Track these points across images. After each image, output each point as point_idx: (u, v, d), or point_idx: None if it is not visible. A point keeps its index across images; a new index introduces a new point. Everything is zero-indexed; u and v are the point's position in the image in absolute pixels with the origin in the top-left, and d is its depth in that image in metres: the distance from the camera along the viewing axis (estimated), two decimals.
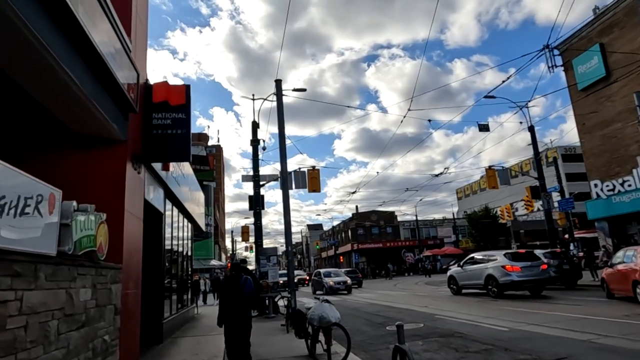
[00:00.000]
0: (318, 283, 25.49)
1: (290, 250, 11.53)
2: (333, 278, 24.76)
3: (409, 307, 13.96)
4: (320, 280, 25.21)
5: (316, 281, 26.11)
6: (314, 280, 26.89)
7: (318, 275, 26.40)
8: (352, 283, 31.36)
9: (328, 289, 23.50)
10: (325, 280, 24.47)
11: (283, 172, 12.09)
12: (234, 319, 5.81)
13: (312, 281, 27.59)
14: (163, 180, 9.23)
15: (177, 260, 12.13)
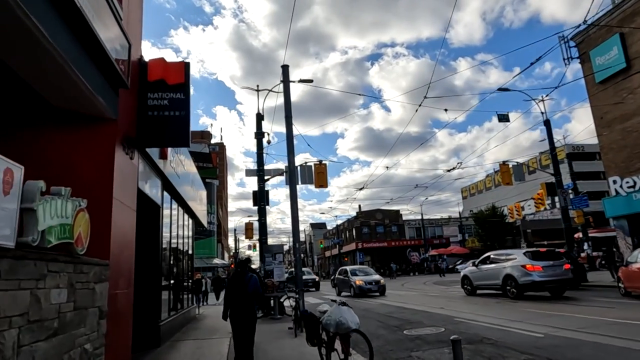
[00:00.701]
0: (343, 283, 21.81)
1: (298, 247, 10.72)
2: (362, 277, 20.85)
3: (424, 308, 13.12)
4: (346, 279, 21.34)
5: (341, 280, 22.32)
6: (338, 280, 23.09)
7: (344, 273, 22.44)
8: None
9: (357, 290, 19.88)
10: (353, 279, 20.59)
11: (290, 162, 11.28)
12: (239, 314, 5.90)
13: (335, 280, 23.89)
14: (160, 169, 8.44)
15: (176, 257, 11.34)
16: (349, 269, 22.57)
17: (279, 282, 12.69)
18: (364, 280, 20.17)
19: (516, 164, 21.04)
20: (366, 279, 20.55)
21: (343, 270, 23.15)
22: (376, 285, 19.99)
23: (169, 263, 10.18)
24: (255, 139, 17.55)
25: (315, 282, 28.47)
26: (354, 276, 21.01)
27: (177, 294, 11.14)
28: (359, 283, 20.05)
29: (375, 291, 19.76)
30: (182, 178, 10.93)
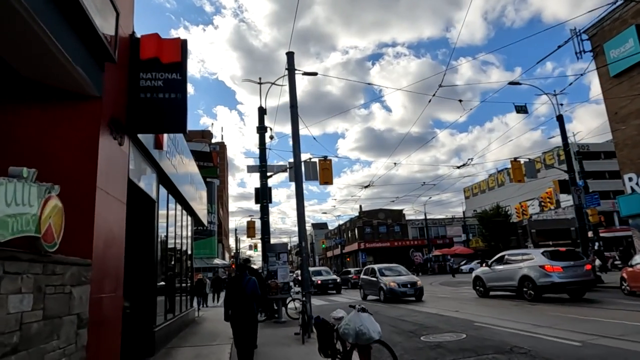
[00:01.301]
0: (371, 284, 18.22)
1: (304, 245, 9.97)
2: (394, 277, 16.96)
3: (437, 311, 12.36)
4: (374, 280, 17.69)
5: (368, 282, 18.67)
6: (364, 281, 19.24)
7: (371, 272, 18.53)
8: None
9: (387, 293, 16.21)
10: (383, 280, 16.90)
11: (296, 156, 10.52)
12: (239, 316, 5.99)
13: (360, 281, 19.79)
14: (155, 160, 7.69)
15: (174, 257, 10.59)
16: (377, 267, 18.55)
17: (283, 283, 11.92)
18: (397, 282, 16.34)
19: (528, 160, 20.25)
20: (399, 279, 16.76)
21: (370, 270, 19.12)
22: (412, 287, 16.13)
23: (166, 263, 9.43)
24: (258, 134, 16.82)
25: (337, 283, 25.26)
26: (384, 276, 17.23)
27: (174, 296, 10.39)
28: (391, 285, 16.34)
29: (411, 295, 16.05)
30: (180, 173, 10.19)
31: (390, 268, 18.50)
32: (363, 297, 19.17)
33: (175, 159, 9.53)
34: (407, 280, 16.81)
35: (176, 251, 10.89)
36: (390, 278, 16.97)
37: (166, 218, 9.41)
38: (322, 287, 24.59)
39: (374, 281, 17.84)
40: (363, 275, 19.82)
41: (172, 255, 10.33)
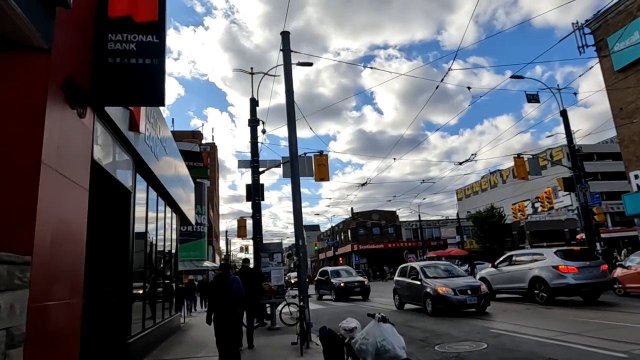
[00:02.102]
0: (410, 289, 13.36)
1: (301, 244, 8.95)
2: (445, 280, 12.34)
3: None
4: (415, 284, 12.87)
5: (405, 286, 13.71)
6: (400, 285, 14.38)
7: (411, 273, 13.54)
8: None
9: (438, 302, 11.55)
10: (430, 283, 12.17)
11: (292, 144, 9.51)
12: (223, 317, 5.87)
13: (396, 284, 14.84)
14: (131, 145, 6.63)
15: (155, 256, 9.50)
16: (419, 266, 14.02)
17: (277, 286, 10.87)
18: (453, 286, 11.90)
19: (532, 157, 19.45)
20: (454, 282, 12.39)
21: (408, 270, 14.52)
22: (474, 294, 11.59)
23: (145, 263, 8.34)
24: (249, 126, 15.76)
25: (364, 286, 19.82)
26: (430, 278, 12.77)
27: (155, 300, 9.29)
28: (443, 291, 11.89)
29: (472, 304, 11.62)
30: (163, 162, 9.13)
31: (436, 266, 13.94)
32: (398, 305, 14.23)
33: (157, 147, 8.47)
34: (466, 284, 11.82)
35: (158, 250, 9.79)
36: (440, 281, 12.23)
37: (145, 213, 8.33)
38: (345, 292, 19.45)
39: (414, 285, 12.89)
40: (398, 276, 14.76)
41: (153, 254, 9.24)
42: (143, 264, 8.19)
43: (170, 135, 10.11)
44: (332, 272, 21.21)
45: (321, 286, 21.78)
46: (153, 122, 8.00)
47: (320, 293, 21.74)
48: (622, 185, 51.65)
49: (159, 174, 8.66)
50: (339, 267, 24.10)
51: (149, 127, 7.64)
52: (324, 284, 21.43)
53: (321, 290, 21.67)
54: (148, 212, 8.50)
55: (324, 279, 21.43)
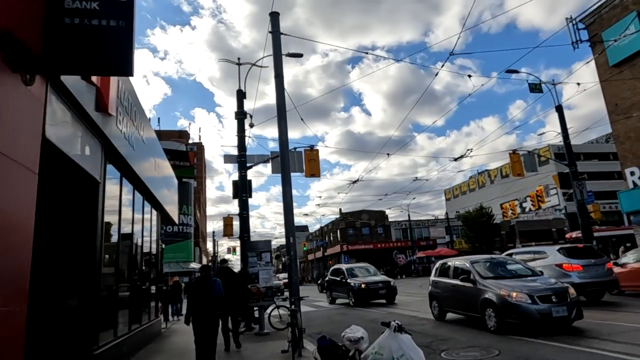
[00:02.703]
0: (458, 293, 9.72)
1: (292, 242, 8.18)
2: (515, 281, 8.70)
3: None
4: (469, 286, 9.19)
5: (452, 288, 10.04)
6: (440, 287, 10.79)
7: (457, 273, 9.97)
8: None
9: (504, 310, 8.01)
10: (492, 286, 8.60)
11: (282, 134, 8.74)
12: (202, 318, 5.96)
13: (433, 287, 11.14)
14: (99, 127, 5.79)
15: (131, 256, 8.63)
16: (479, 262, 10.36)
17: (266, 288, 10.06)
18: (529, 292, 8.22)
19: (527, 153, 18.96)
20: (533, 287, 8.64)
21: (459, 271, 10.57)
22: (564, 302, 7.85)
23: (118, 263, 7.49)
24: (236, 119, 14.94)
25: (390, 287, 16.14)
26: (494, 280, 9.06)
27: (131, 305, 8.42)
28: (518, 298, 8.31)
29: (563, 315, 7.74)
30: (140, 152, 8.27)
31: (496, 261, 10.12)
32: (438, 314, 10.54)
33: (133, 135, 7.62)
34: (548, 287, 8.20)
35: (135, 249, 8.93)
36: (507, 282, 8.54)
37: (119, 207, 7.48)
38: (367, 295, 15.88)
39: (465, 289, 9.26)
40: (438, 276, 11.02)
41: (128, 253, 8.38)
42: (115, 263, 7.33)
43: (149, 123, 9.25)
44: (349, 271, 17.65)
45: (334, 288, 18.40)
46: (127, 106, 7.16)
47: (333, 296, 18.48)
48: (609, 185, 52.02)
49: (135, 166, 7.83)
50: (356, 264, 20.52)
51: (121, 111, 6.80)
52: (337, 286, 18.00)
53: (334, 293, 18.37)
54: (122, 207, 7.64)
55: (339, 280, 17.89)
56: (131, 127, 7.47)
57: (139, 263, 9.39)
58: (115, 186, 7.38)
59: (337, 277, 18.20)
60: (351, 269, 18.00)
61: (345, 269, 17.91)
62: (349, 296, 16.62)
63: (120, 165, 7.31)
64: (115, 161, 7.03)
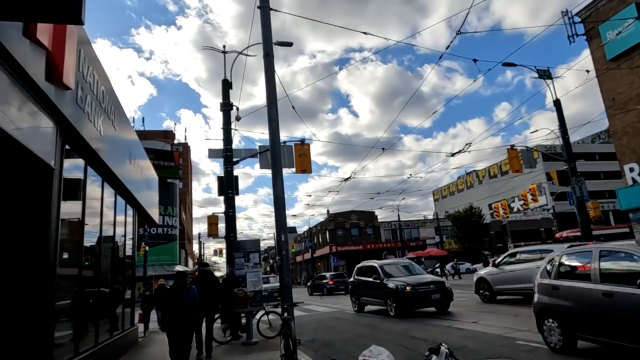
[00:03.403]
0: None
1: (284, 240, 7.24)
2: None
3: (449, 323, 9.87)
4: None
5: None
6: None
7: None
8: (341, 288, 26.97)
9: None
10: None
11: (272, 120, 7.79)
12: (175, 324, 6.01)
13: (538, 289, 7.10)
14: (52, 102, 4.77)
15: (99, 257, 7.58)
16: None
17: (254, 292, 9.09)
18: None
19: (525, 149, 18.33)
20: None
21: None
22: None
23: (82, 265, 6.44)
24: (221, 111, 13.94)
25: (445, 291, 12.07)
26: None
27: (99, 313, 7.38)
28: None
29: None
30: (110, 138, 7.23)
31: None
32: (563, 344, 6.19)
33: (101, 118, 6.59)
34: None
35: (104, 249, 7.87)
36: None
37: (82, 200, 6.45)
38: (416, 300, 11.73)
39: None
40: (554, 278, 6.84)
41: (95, 253, 7.33)
42: (78, 265, 6.29)
43: (121, 106, 8.20)
44: (383, 269, 13.32)
45: (363, 291, 14.08)
46: (92, 82, 6.14)
47: (362, 302, 14.21)
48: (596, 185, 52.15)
49: (104, 154, 6.81)
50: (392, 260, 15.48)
51: (85, 86, 5.78)
52: (368, 288, 13.66)
53: (364, 298, 14.08)
54: (86, 200, 6.61)
55: (371, 281, 13.44)
56: (98, 108, 6.45)
57: (110, 265, 8.33)
58: (78, 175, 6.36)
59: (367, 278, 13.85)
60: (386, 266, 13.81)
61: (379, 266, 13.66)
62: (386, 303, 12.38)
63: (84, 151, 6.29)
64: (77, 146, 6.00)
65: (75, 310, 6.07)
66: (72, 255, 6.12)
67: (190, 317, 6.15)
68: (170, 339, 6.06)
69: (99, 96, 6.55)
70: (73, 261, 6.15)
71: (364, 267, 14.83)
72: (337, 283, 27.46)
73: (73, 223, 6.21)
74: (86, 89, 5.88)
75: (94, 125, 6.26)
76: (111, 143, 7.34)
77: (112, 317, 8.28)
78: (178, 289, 6.24)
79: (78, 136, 5.71)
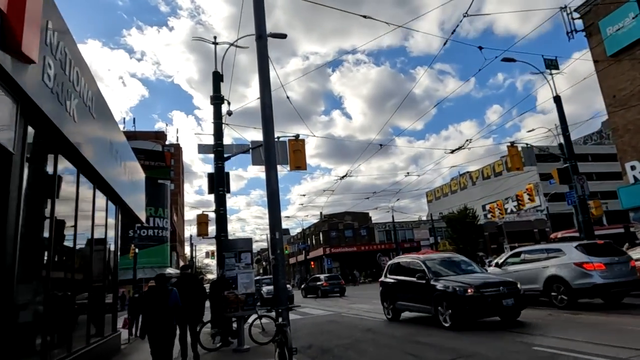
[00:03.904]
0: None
1: (278, 237, 6.59)
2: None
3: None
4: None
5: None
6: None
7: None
8: (336, 290, 26.30)
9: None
10: None
11: (265, 106, 7.15)
12: (158, 329, 5.80)
13: None
14: (10, 77, 4.10)
15: (74, 258, 6.87)
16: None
17: (246, 295, 8.41)
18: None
19: (526, 146, 17.83)
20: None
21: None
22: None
23: (49, 266, 5.74)
24: (212, 105, 13.27)
25: (518, 295, 9.16)
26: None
27: (73, 319, 6.67)
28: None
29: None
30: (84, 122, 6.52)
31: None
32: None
33: (73, 101, 5.89)
34: None
35: (80, 249, 7.17)
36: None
37: (54, 191, 5.76)
38: (481, 307, 8.81)
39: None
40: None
41: (69, 254, 6.62)
42: (45, 265, 5.59)
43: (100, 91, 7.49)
44: (430, 265, 10.39)
45: (402, 295, 11.17)
46: (63, 59, 5.45)
47: (398, 307, 11.33)
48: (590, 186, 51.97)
49: (79, 143, 6.12)
50: (438, 254, 12.79)
51: (54, 64, 5.10)
52: (409, 291, 10.80)
53: (401, 303, 11.18)
54: (59, 193, 5.91)
55: (413, 281, 10.45)
56: (71, 91, 5.76)
57: (87, 266, 7.62)
58: (48, 165, 5.67)
59: (408, 277, 10.87)
60: (430, 262, 10.60)
61: (424, 261, 10.64)
62: (436, 309, 9.48)
63: (54, 137, 5.59)
64: (46, 131, 5.32)
65: (44, 317, 5.37)
66: (38, 255, 5.43)
67: (173, 321, 5.95)
68: (152, 344, 5.82)
69: (72, 77, 5.86)
70: (38, 261, 5.45)
71: (401, 263, 11.82)
72: (332, 285, 26.78)
73: (42, 218, 5.52)
74: (56, 66, 5.20)
75: (65, 108, 5.57)
76: (88, 130, 6.65)
77: (90, 323, 7.56)
78: (159, 291, 5.97)
79: (45, 119, 5.03)
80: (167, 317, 5.86)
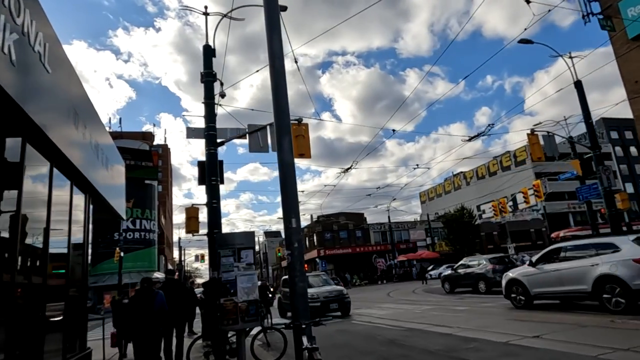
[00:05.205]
0: None
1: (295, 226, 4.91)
2: None
3: (482, 335, 7.62)
4: None
5: None
6: None
7: None
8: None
9: None
10: None
11: (273, 56, 5.50)
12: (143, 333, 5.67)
13: None
14: None
15: (26, 260, 5.10)
16: None
17: (247, 303, 6.68)
18: None
19: (547, 134, 16.39)
20: None
21: None
22: None
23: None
24: (202, 82, 11.55)
25: None
26: None
27: (23, 340, 4.89)
28: None
29: None
30: (40, 88, 4.75)
31: None
32: None
33: (35, 66, 4.15)
34: None
35: (35, 246, 5.39)
36: None
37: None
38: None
39: None
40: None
41: (11, 252, 4.85)
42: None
43: (67, 57, 5.74)
44: None
45: None
46: (15, 11, 3.71)
47: None
48: None
49: (33, 110, 4.36)
50: None
51: (13, 22, 3.37)
52: None
53: None
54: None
55: None
56: (27, 49, 4.02)
57: (40, 269, 5.82)
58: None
59: None
60: None
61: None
62: None
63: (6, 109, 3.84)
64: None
65: None
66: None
67: (159, 326, 5.87)
68: (136, 349, 5.73)
69: (32, 40, 4.16)
70: None
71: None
72: None
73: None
74: (8, 21, 3.49)
75: (15, 67, 3.83)
76: (47, 97, 4.89)
77: (44, 342, 5.76)
78: (144, 295, 5.90)
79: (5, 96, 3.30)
80: (152, 321, 5.74)
